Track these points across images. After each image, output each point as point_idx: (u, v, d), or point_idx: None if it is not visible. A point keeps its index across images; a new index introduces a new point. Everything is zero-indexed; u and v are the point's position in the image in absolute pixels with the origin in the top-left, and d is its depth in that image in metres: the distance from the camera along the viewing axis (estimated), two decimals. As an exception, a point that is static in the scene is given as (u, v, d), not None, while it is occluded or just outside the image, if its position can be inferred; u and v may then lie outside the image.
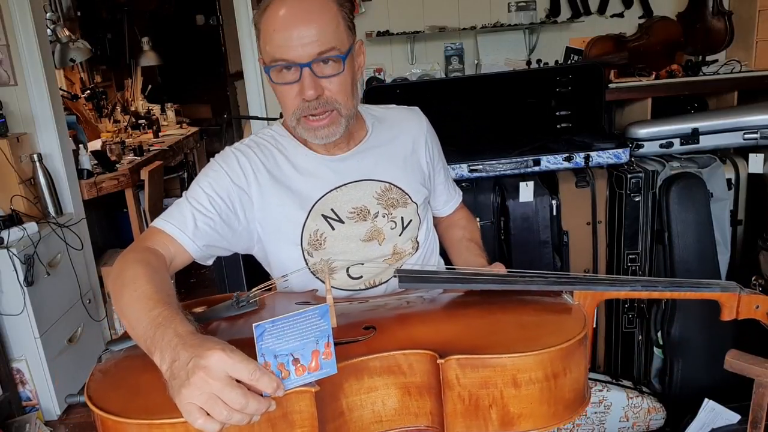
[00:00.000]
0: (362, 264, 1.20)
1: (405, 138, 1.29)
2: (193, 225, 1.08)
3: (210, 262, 1.16)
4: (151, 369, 0.78)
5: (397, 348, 0.87)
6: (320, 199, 1.17)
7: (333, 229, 1.17)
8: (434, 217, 1.39)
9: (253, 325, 0.73)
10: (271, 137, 1.21)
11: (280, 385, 0.72)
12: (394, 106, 1.36)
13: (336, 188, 1.18)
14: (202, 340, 0.74)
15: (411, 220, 1.24)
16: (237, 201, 1.13)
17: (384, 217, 1.21)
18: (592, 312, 1.02)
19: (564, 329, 0.91)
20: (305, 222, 1.17)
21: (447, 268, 1.26)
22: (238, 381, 0.70)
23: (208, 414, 0.68)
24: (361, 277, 1.21)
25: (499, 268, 1.17)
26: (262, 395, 0.71)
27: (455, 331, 0.97)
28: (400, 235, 1.23)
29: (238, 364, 0.70)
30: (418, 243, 1.26)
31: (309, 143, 1.19)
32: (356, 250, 1.19)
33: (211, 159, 1.18)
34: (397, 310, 1.08)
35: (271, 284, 1.13)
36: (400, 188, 1.24)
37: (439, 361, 0.84)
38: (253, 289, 1.08)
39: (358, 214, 1.19)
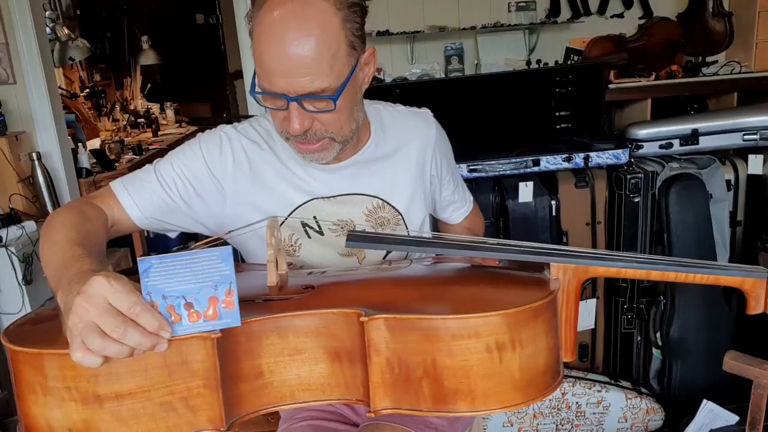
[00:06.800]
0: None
1: (410, 150, 1.15)
2: (148, 196, 1.01)
3: (173, 235, 1.10)
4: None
5: (328, 307, 0.78)
6: (302, 205, 1.07)
7: (309, 237, 1.09)
8: (444, 223, 1.32)
9: (138, 258, 0.67)
10: (266, 131, 1.10)
11: (165, 326, 0.65)
12: (403, 108, 1.21)
13: (323, 198, 1.08)
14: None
15: None
16: (207, 189, 1.05)
17: None
18: (575, 292, 0.85)
19: (520, 297, 0.78)
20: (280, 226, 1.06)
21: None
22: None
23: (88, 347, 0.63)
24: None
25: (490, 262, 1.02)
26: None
27: (398, 295, 0.87)
28: (383, 258, 1.12)
29: (119, 293, 0.63)
30: None
31: None
32: (332, 263, 1.10)
33: (198, 134, 1.09)
34: (350, 275, 0.99)
35: (213, 240, 0.99)
36: (394, 207, 1.12)
37: (362, 318, 0.74)
38: (197, 243, 0.95)
39: (342, 228, 1.09)
